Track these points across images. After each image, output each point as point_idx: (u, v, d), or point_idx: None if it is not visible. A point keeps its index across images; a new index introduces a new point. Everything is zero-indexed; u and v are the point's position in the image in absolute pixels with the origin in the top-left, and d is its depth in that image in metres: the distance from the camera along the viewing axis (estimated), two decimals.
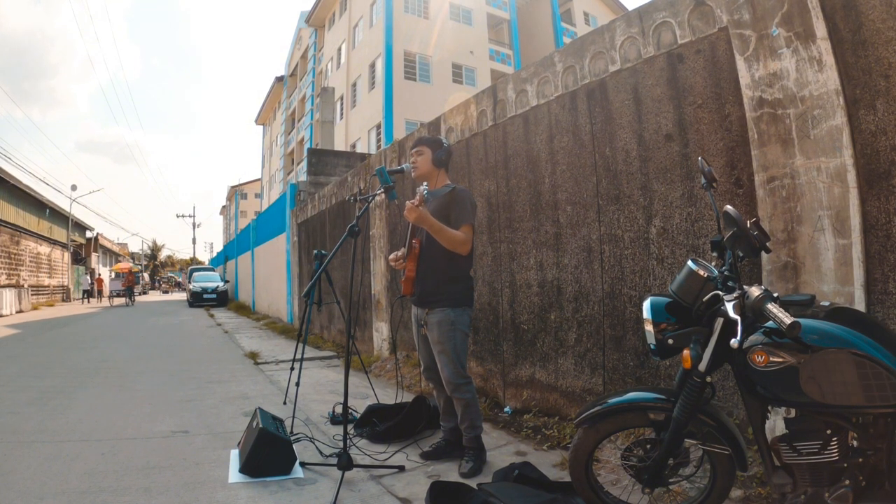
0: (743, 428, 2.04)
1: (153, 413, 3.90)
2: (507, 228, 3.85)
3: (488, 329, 4.03)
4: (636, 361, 2.86)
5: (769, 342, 1.50)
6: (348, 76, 24.65)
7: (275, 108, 39.54)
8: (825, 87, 2.03)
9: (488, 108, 4.06)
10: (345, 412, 2.60)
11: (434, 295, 2.71)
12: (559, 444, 2.95)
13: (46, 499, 2.36)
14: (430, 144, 2.86)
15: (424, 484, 2.44)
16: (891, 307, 1.91)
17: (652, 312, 1.75)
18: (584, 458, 1.93)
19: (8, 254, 18.87)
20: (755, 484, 2.10)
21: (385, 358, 5.65)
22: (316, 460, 2.81)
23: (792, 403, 1.52)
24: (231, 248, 24.13)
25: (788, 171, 2.14)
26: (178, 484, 2.54)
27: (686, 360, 1.66)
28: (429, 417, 3.27)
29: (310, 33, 29.88)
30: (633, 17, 2.88)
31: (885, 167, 1.92)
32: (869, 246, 1.96)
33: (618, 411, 1.88)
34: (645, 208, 2.82)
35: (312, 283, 2.87)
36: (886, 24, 1.90)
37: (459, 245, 2.64)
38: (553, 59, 3.45)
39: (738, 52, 2.33)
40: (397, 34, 21.36)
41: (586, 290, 3.18)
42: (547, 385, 3.46)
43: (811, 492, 1.50)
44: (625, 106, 2.94)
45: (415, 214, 2.55)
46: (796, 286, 2.12)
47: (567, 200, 3.33)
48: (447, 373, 2.67)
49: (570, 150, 3.31)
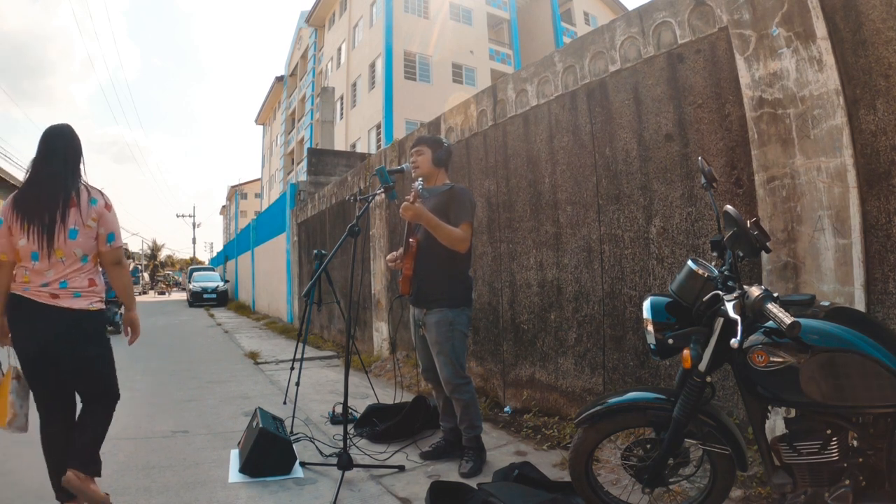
0: (743, 428, 2.04)
1: (153, 413, 3.90)
2: (507, 228, 3.85)
3: (488, 329, 4.03)
4: (636, 361, 2.86)
5: (769, 342, 1.50)
6: (348, 76, 24.65)
7: (275, 108, 39.53)
8: (825, 86, 2.03)
9: (488, 107, 4.06)
10: (345, 412, 2.60)
11: (432, 295, 2.70)
12: (559, 444, 2.95)
13: (46, 499, 2.36)
14: (431, 144, 2.85)
15: (424, 484, 2.44)
16: (891, 307, 1.91)
17: (652, 312, 1.75)
18: (584, 458, 1.93)
19: None
20: (755, 484, 2.11)
21: (385, 358, 5.65)
22: (316, 460, 2.81)
23: (792, 403, 1.52)
24: (231, 247, 24.13)
25: (788, 171, 2.14)
26: (178, 484, 2.54)
27: (686, 360, 1.66)
28: (428, 417, 3.27)
29: (310, 33, 29.88)
30: (633, 16, 2.88)
31: (885, 167, 1.92)
32: (869, 246, 1.96)
33: (618, 411, 1.88)
34: (645, 208, 2.82)
35: (312, 283, 2.87)
36: (886, 24, 1.90)
37: (458, 242, 2.63)
38: (553, 59, 3.45)
39: (739, 52, 2.33)
40: (397, 34, 21.36)
41: (586, 289, 3.18)
42: (547, 385, 3.46)
43: (811, 492, 1.50)
44: (625, 106, 2.94)
45: (411, 212, 2.54)
46: (796, 286, 2.12)
47: (567, 200, 3.33)
48: (446, 373, 2.67)
49: (570, 149, 3.31)
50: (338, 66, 26.17)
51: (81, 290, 2.10)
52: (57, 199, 2.05)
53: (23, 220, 2.03)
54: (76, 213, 2.07)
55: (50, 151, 2.12)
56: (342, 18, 25.82)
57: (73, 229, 2.06)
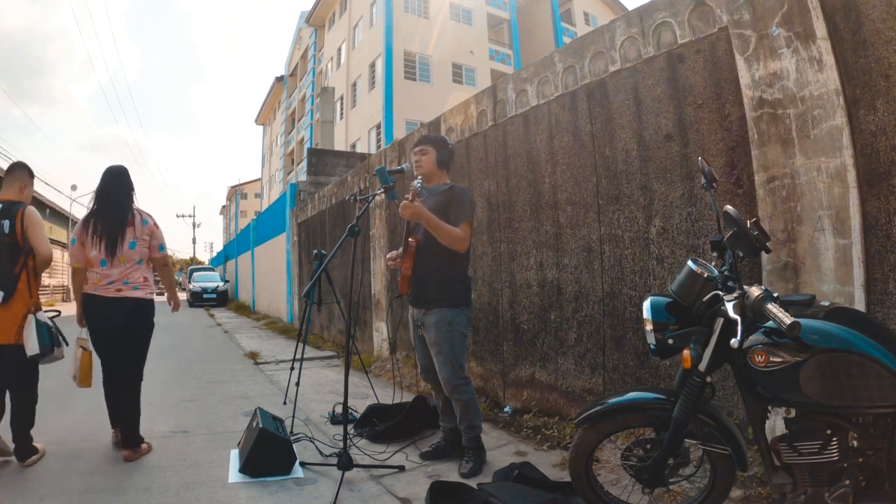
0: (743, 428, 2.04)
1: (153, 413, 3.89)
2: (507, 228, 3.85)
3: (488, 329, 4.03)
4: (636, 361, 2.86)
5: (769, 342, 1.50)
6: (348, 76, 24.65)
7: (275, 108, 39.53)
8: (825, 87, 2.03)
9: (488, 107, 4.06)
10: (345, 412, 2.60)
11: (431, 295, 2.70)
12: (559, 444, 2.95)
13: (46, 499, 2.36)
14: (435, 144, 2.85)
15: (424, 484, 2.44)
16: (891, 307, 1.91)
17: (652, 312, 1.75)
18: (584, 458, 1.93)
19: None
20: (755, 484, 2.11)
21: (385, 358, 5.65)
22: (316, 460, 2.81)
23: (792, 403, 1.52)
24: (231, 247, 24.12)
25: (788, 171, 2.14)
26: (178, 484, 2.54)
27: (686, 360, 1.66)
28: (428, 417, 3.27)
29: (310, 33, 29.88)
30: (633, 16, 2.88)
31: (885, 167, 1.92)
32: (869, 246, 1.96)
33: (618, 411, 1.88)
34: (645, 208, 2.82)
35: (312, 283, 2.87)
36: (886, 24, 1.90)
37: (458, 242, 2.62)
38: (553, 59, 3.45)
39: (738, 52, 2.33)
40: (397, 34, 21.36)
41: (586, 289, 3.18)
42: (547, 385, 3.46)
43: (811, 492, 1.50)
44: (625, 106, 2.94)
45: (410, 210, 2.54)
46: (796, 286, 2.12)
47: (567, 200, 3.33)
48: (445, 374, 2.66)
49: (570, 149, 3.31)
50: (338, 66, 26.17)
51: (139, 284, 2.94)
52: (120, 222, 2.89)
53: (94, 236, 2.86)
54: (132, 231, 2.91)
55: (113, 186, 2.95)
56: (342, 18, 25.82)
57: (132, 241, 2.91)
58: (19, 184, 2.84)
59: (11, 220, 2.68)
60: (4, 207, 2.72)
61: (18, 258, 2.68)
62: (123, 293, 2.86)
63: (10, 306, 2.64)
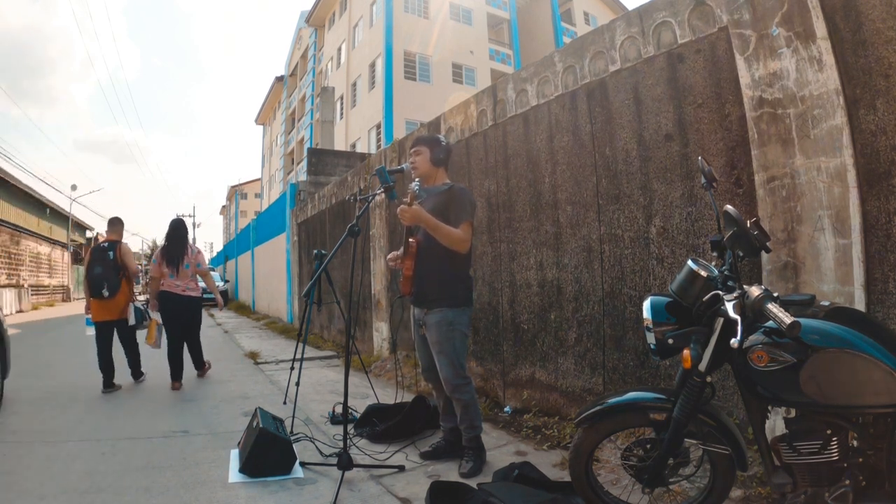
0: (743, 428, 2.03)
1: (153, 413, 3.90)
2: (507, 228, 3.85)
3: (488, 329, 4.03)
4: (636, 361, 2.86)
5: (769, 342, 1.50)
6: (348, 76, 24.65)
7: (275, 108, 39.54)
8: (825, 86, 2.02)
9: (488, 107, 4.06)
10: (345, 412, 2.60)
11: (432, 295, 2.70)
12: (559, 444, 2.95)
13: (46, 499, 2.36)
14: (429, 143, 2.84)
15: (424, 484, 2.44)
16: (891, 307, 1.91)
17: (652, 312, 1.75)
18: (584, 458, 1.93)
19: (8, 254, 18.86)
20: (755, 484, 2.10)
21: (385, 358, 5.65)
22: (316, 460, 2.81)
23: (792, 403, 1.52)
24: (231, 247, 24.12)
25: (788, 171, 2.14)
26: (178, 484, 2.54)
27: (686, 360, 1.65)
28: (428, 417, 3.27)
29: (310, 33, 29.88)
30: (633, 16, 2.88)
31: (885, 167, 1.92)
32: (869, 246, 1.96)
33: (618, 411, 1.88)
34: (645, 208, 2.82)
35: (312, 283, 2.87)
36: (886, 23, 1.90)
37: (458, 242, 2.62)
38: (553, 59, 3.45)
39: (738, 52, 2.32)
40: (397, 34, 21.36)
41: (586, 289, 3.18)
42: (547, 385, 3.46)
43: (811, 492, 1.50)
44: (625, 106, 2.94)
45: (409, 214, 2.53)
46: (796, 286, 2.12)
47: (567, 200, 3.33)
48: (446, 373, 2.66)
49: (570, 149, 3.31)
50: (338, 66, 26.17)
51: (192, 288, 5.00)
52: (180, 253, 4.92)
53: (166, 260, 4.88)
54: (187, 257, 4.94)
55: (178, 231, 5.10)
56: (342, 18, 25.82)
57: (186, 264, 4.92)
58: (118, 231, 5.01)
59: (114, 251, 4.76)
60: (111, 244, 4.82)
61: (119, 272, 4.72)
62: (184, 293, 4.91)
63: (116, 298, 4.66)
